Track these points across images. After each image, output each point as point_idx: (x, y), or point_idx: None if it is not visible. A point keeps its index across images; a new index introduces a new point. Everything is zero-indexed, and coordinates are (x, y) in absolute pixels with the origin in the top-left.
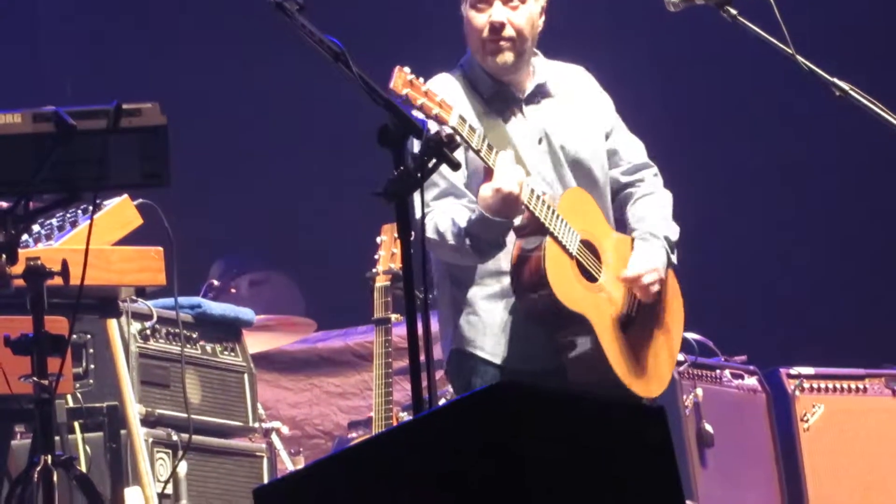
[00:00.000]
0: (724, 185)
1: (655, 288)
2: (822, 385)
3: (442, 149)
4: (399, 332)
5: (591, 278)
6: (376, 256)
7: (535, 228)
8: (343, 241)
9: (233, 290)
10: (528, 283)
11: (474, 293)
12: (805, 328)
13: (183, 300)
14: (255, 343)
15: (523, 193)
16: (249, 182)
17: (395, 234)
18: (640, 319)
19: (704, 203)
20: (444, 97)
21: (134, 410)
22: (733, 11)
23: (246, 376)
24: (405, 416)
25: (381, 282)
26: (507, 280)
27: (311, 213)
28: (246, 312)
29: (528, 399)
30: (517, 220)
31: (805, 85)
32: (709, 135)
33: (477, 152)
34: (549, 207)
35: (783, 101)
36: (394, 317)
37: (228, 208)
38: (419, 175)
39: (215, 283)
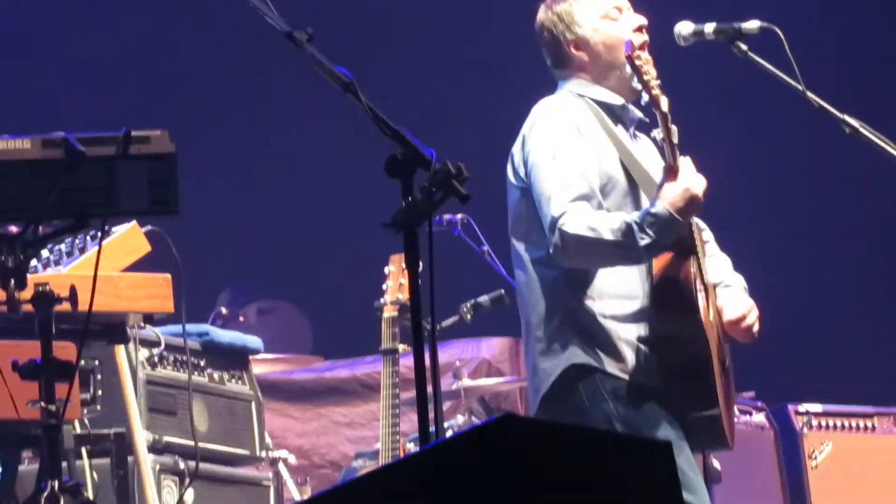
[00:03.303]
0: (731, 218)
1: (756, 327)
2: (831, 422)
3: (450, 180)
4: (406, 362)
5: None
6: (384, 287)
7: (686, 247)
8: (351, 271)
9: (241, 319)
10: (674, 302)
11: (602, 309)
12: (814, 365)
13: (191, 327)
14: (262, 367)
15: None
16: (258, 211)
17: (403, 265)
18: (726, 368)
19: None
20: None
21: (141, 437)
22: (744, 47)
23: (253, 405)
24: (412, 447)
25: (389, 312)
26: (638, 305)
27: (320, 243)
28: (254, 340)
29: (531, 434)
30: None
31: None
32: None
33: (672, 147)
34: (697, 230)
35: (794, 143)
36: (401, 347)
37: (237, 237)
38: (427, 206)
39: (223, 311)
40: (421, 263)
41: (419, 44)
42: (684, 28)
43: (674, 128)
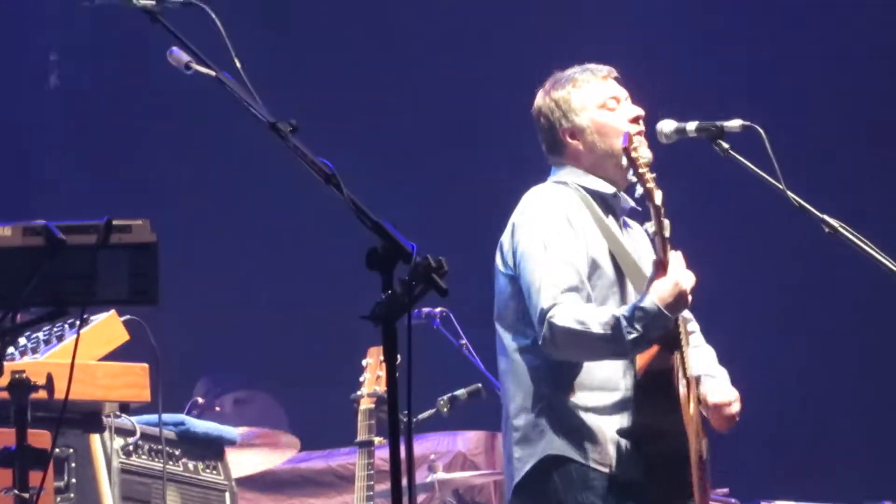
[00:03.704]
0: (709, 316)
1: (737, 418)
2: None
3: (430, 274)
4: (382, 454)
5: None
6: (361, 379)
7: (671, 341)
8: (329, 363)
9: (217, 409)
10: (657, 396)
11: (582, 401)
12: (788, 462)
13: (167, 417)
14: (240, 464)
15: None
16: (236, 301)
17: (381, 357)
18: (703, 462)
19: None
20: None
21: None
22: (725, 145)
23: (228, 495)
24: None
25: (366, 404)
26: (618, 396)
27: (298, 334)
28: (229, 431)
29: None
30: None
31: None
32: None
33: (664, 241)
34: (682, 323)
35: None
36: (377, 440)
37: (215, 327)
38: (407, 299)
39: (200, 400)
40: (399, 356)
41: (408, 121)
42: (666, 126)
43: (666, 222)
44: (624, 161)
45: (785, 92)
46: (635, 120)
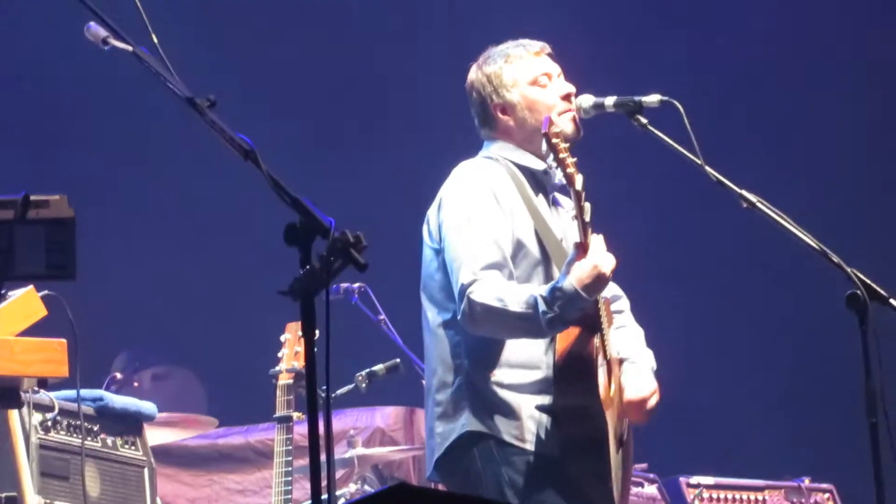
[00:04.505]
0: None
1: (654, 413)
2: (722, 495)
3: (348, 249)
4: (301, 430)
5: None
6: (280, 354)
7: (591, 323)
8: (247, 338)
9: (136, 384)
10: (575, 378)
11: (501, 378)
12: (707, 438)
13: (85, 392)
14: (157, 436)
15: None
16: (154, 276)
17: (300, 333)
18: (625, 443)
19: None
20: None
21: (32, 502)
22: (644, 120)
23: (146, 470)
24: None
25: (284, 380)
26: (539, 375)
27: (216, 309)
28: (148, 407)
29: (423, 503)
30: None
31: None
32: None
33: (585, 225)
34: (604, 304)
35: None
36: (296, 415)
37: (133, 302)
38: (325, 275)
39: (118, 376)
40: (317, 331)
41: (327, 95)
42: (585, 101)
43: (587, 205)
44: (544, 146)
45: (706, 66)
46: (566, 97)
